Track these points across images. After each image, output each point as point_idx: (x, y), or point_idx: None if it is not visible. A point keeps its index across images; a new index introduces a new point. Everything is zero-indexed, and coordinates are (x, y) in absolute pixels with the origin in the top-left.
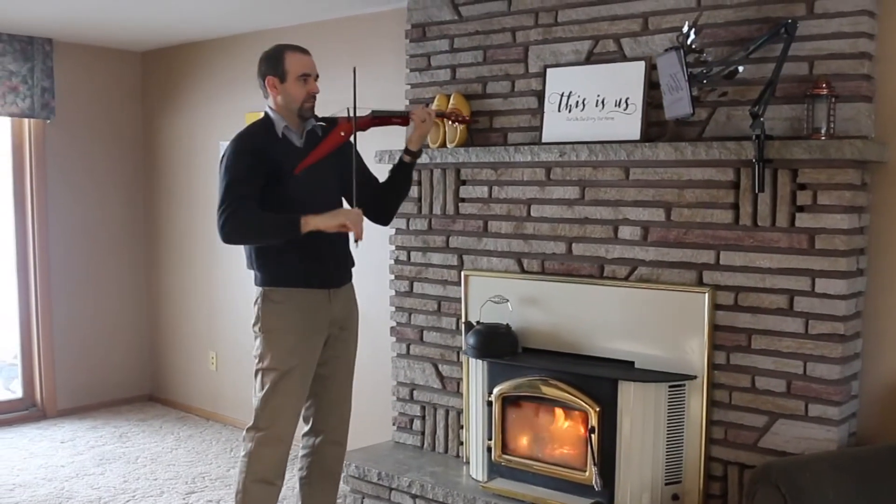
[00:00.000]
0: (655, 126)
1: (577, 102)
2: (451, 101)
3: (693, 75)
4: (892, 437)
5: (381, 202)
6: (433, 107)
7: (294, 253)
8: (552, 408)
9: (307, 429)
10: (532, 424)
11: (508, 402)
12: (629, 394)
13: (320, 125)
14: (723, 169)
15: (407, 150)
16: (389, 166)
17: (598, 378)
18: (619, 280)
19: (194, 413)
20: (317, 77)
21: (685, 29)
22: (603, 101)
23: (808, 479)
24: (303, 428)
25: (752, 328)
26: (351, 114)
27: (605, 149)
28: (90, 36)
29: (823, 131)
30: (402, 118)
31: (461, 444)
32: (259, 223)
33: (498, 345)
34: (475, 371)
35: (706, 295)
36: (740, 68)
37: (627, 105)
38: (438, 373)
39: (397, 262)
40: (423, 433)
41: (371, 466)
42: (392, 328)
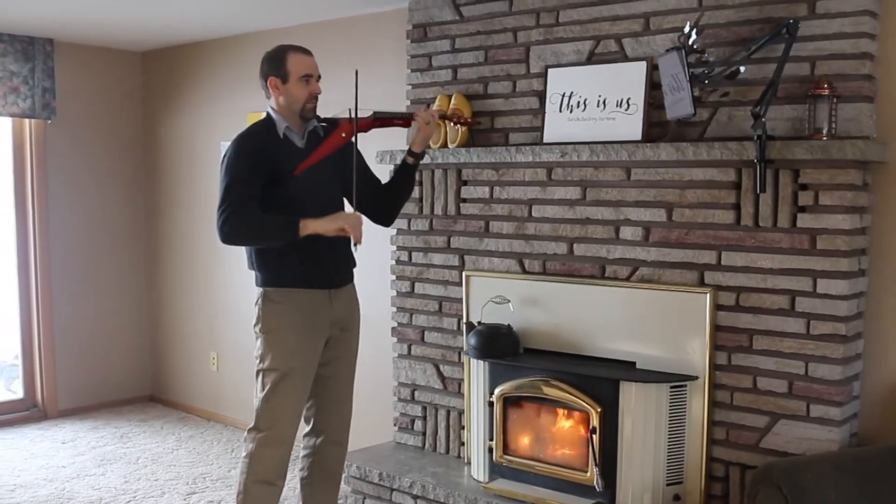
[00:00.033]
0: (657, 126)
1: (579, 103)
2: (453, 101)
3: (694, 75)
4: (893, 438)
5: (383, 203)
6: (435, 107)
7: (294, 253)
8: (553, 408)
9: (308, 429)
10: (533, 425)
11: (510, 402)
12: (630, 394)
13: (322, 126)
14: (724, 169)
15: (410, 151)
16: (391, 167)
17: (600, 378)
18: (620, 280)
19: (195, 414)
20: (319, 78)
21: (687, 29)
22: (604, 102)
23: (809, 480)
24: (304, 428)
25: (754, 329)
26: (353, 115)
27: (606, 149)
28: (91, 36)
29: (825, 132)
30: (403, 119)
31: (462, 444)
32: (258, 225)
33: (499, 345)
34: (476, 371)
35: (707, 295)
36: (742, 68)
37: (629, 105)
38: (440, 373)
39: (398, 262)
40: (424, 434)
41: (372, 467)
42: (393, 328)
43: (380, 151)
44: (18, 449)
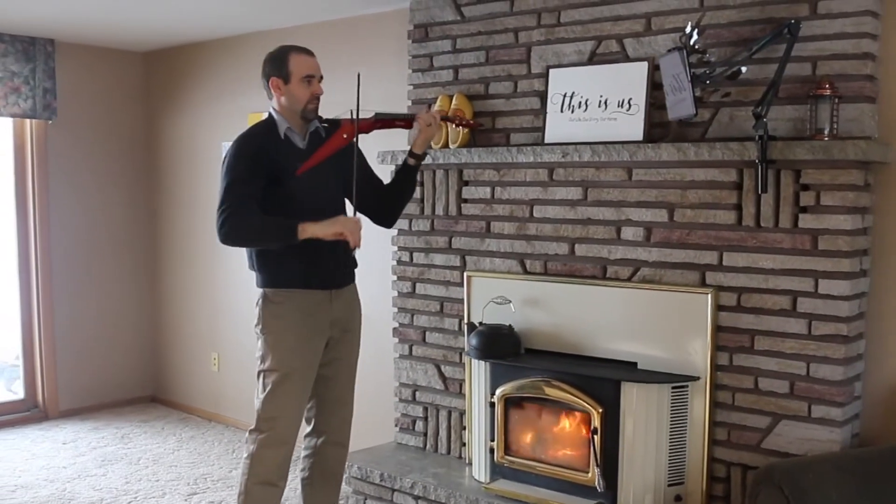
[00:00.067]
0: (658, 127)
1: (580, 103)
2: (454, 101)
3: (696, 76)
4: (895, 439)
5: (384, 205)
6: (436, 108)
7: (295, 254)
8: (555, 409)
9: (309, 429)
10: (535, 425)
11: (511, 403)
12: (632, 395)
13: (323, 126)
14: (726, 170)
15: (411, 152)
16: (392, 167)
17: (601, 379)
18: (621, 281)
19: (196, 414)
20: (321, 78)
21: (688, 29)
22: (606, 102)
23: (811, 481)
24: (305, 429)
25: (755, 329)
26: (354, 116)
27: (607, 149)
28: (92, 36)
29: (826, 132)
30: (405, 121)
31: (464, 445)
32: (257, 226)
33: (500, 346)
34: (478, 372)
35: (709, 296)
36: (743, 69)
37: (630, 106)
38: (441, 374)
39: (400, 262)
40: (425, 434)
41: (373, 467)
42: (394, 329)
43: (381, 152)
44: (19, 449)
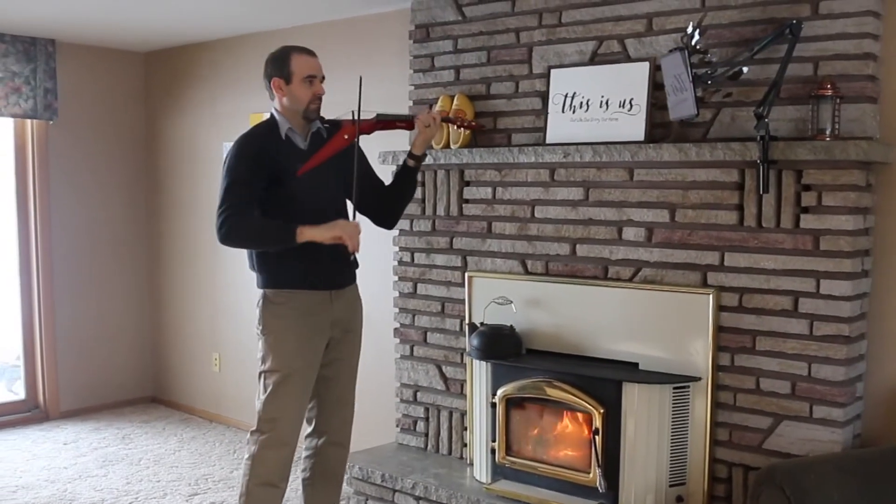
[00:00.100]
0: (660, 127)
1: (581, 103)
2: (455, 102)
3: (697, 76)
4: None
5: (384, 206)
6: (437, 108)
7: (295, 255)
8: (556, 409)
9: (310, 430)
10: (536, 426)
11: (512, 403)
12: (633, 395)
13: (325, 127)
14: (727, 170)
15: (410, 154)
16: (393, 167)
17: (602, 380)
18: (623, 281)
19: (197, 415)
20: (323, 79)
21: (689, 30)
22: (607, 102)
23: (812, 481)
24: (306, 429)
25: (757, 329)
26: (356, 117)
27: (609, 150)
28: (93, 37)
29: (828, 132)
30: (406, 122)
31: (465, 445)
32: (256, 228)
33: (502, 346)
34: (479, 372)
35: (710, 296)
36: (745, 69)
37: (631, 106)
38: (442, 374)
39: (401, 263)
40: (426, 435)
41: (374, 468)
42: (396, 329)
43: (382, 152)
44: (20, 450)
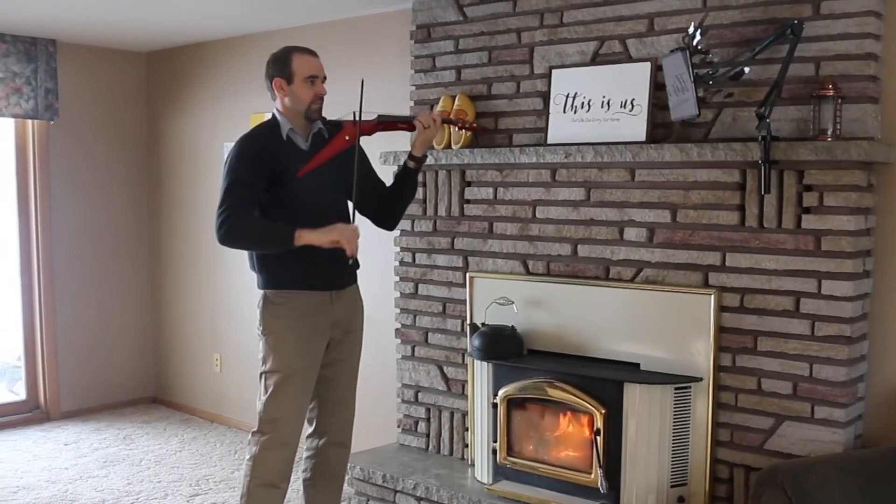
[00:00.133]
0: (661, 127)
1: (583, 103)
2: (456, 102)
3: (699, 76)
4: None
5: (385, 207)
6: (438, 109)
7: (295, 255)
8: (557, 410)
9: (311, 430)
10: (537, 427)
11: (514, 404)
12: (635, 396)
13: (326, 128)
14: (729, 170)
15: (411, 155)
16: (394, 168)
17: (604, 380)
18: (624, 282)
19: (198, 415)
20: (324, 79)
21: (691, 30)
22: (608, 103)
23: (814, 482)
24: (307, 430)
25: (758, 330)
26: (357, 118)
27: (610, 150)
28: (94, 37)
29: (830, 132)
30: (407, 123)
31: (466, 446)
32: (254, 230)
33: (503, 347)
34: (480, 373)
35: (712, 297)
36: (746, 69)
37: (633, 106)
38: (443, 375)
39: (402, 263)
40: (427, 435)
41: (376, 469)
42: (397, 330)
43: (383, 152)
44: (21, 451)
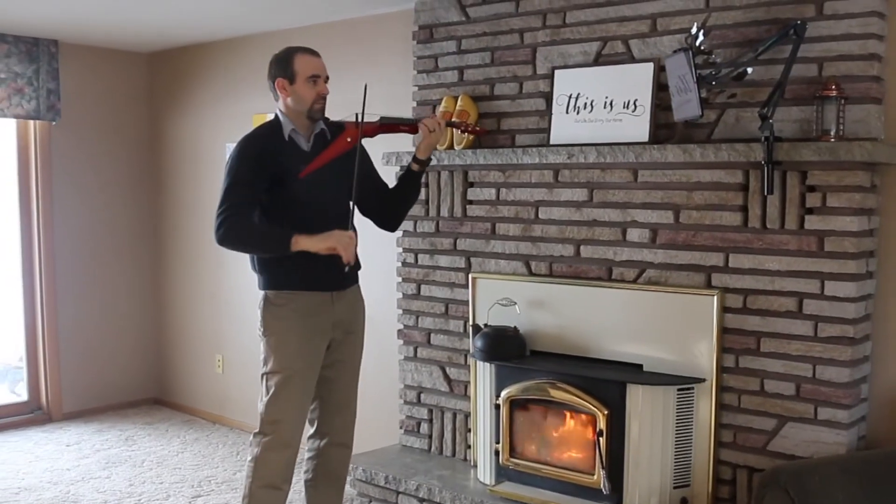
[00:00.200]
0: (664, 128)
1: (586, 104)
2: (459, 102)
3: (702, 77)
4: None
5: (388, 209)
6: (441, 109)
7: (296, 256)
8: (560, 411)
9: (312, 431)
10: (540, 428)
11: (516, 405)
12: (637, 397)
13: (329, 129)
14: (732, 171)
15: (415, 158)
16: (397, 168)
17: (607, 381)
18: (627, 283)
19: (200, 416)
20: (327, 79)
21: (694, 30)
22: (611, 103)
23: (817, 483)
24: (308, 431)
25: (761, 331)
26: (359, 120)
27: (613, 151)
28: (96, 37)
29: (833, 133)
30: (410, 126)
31: (469, 447)
32: (251, 234)
33: (506, 348)
34: (483, 374)
35: (715, 297)
36: (749, 70)
37: (636, 107)
38: (446, 376)
39: (404, 264)
40: (430, 436)
41: (378, 470)
42: (399, 331)
43: (386, 153)
44: (23, 452)
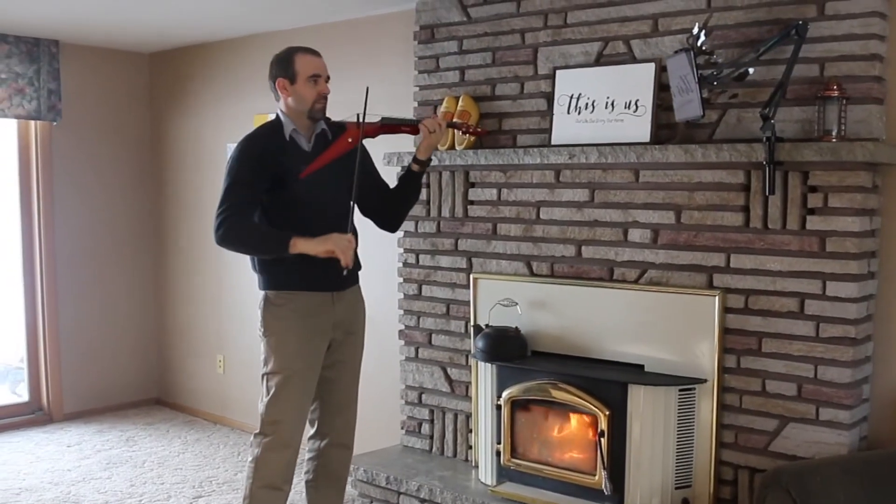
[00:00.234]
0: (665, 128)
1: (587, 104)
2: (460, 103)
3: (703, 77)
4: None
5: (389, 209)
6: (442, 110)
7: (296, 256)
8: (561, 411)
9: (312, 432)
10: (541, 428)
11: (517, 405)
12: (639, 397)
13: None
14: (733, 171)
15: (415, 158)
16: (398, 168)
17: (608, 382)
18: (628, 283)
19: (201, 417)
20: (328, 78)
21: (695, 30)
22: (612, 103)
23: (818, 484)
24: (308, 431)
25: (763, 331)
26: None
27: (614, 151)
28: (97, 37)
29: (834, 133)
30: (411, 127)
31: (470, 448)
32: (250, 236)
33: (507, 348)
34: (484, 374)
35: (716, 298)
36: (751, 70)
37: (637, 107)
38: (447, 376)
39: (406, 265)
40: (431, 437)
41: (379, 470)
42: (400, 331)
43: (387, 153)
44: (23, 452)
